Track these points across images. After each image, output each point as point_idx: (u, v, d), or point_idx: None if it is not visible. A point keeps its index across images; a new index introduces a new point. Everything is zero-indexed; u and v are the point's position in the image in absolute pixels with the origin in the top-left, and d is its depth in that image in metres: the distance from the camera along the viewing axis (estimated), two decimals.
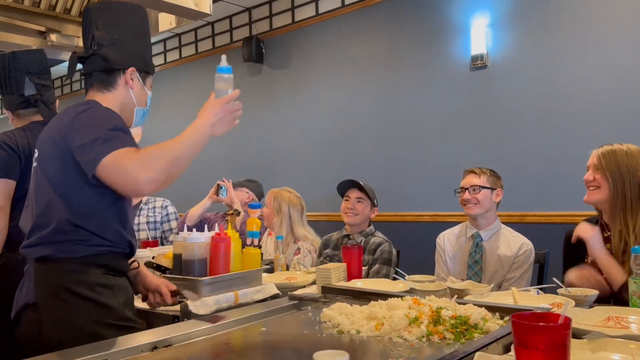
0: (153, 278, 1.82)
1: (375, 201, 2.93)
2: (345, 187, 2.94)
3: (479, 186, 2.52)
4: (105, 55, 1.63)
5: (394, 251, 2.77)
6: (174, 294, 1.78)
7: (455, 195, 2.63)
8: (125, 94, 1.68)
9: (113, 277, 1.58)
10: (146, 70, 1.73)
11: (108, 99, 1.65)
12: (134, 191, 1.53)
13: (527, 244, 2.49)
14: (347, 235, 2.89)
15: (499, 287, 2.38)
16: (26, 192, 2.07)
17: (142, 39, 1.73)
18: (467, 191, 2.54)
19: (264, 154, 5.25)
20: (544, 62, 3.65)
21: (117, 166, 1.41)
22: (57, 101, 2.36)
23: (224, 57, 1.64)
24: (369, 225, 2.91)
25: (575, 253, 2.04)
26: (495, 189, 2.56)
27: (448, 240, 2.65)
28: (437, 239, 2.70)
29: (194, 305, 1.67)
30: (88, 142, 1.45)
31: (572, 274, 1.93)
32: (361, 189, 2.88)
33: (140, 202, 3.65)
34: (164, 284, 1.79)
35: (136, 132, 2.86)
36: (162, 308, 1.83)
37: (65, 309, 1.49)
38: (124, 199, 1.61)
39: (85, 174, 1.47)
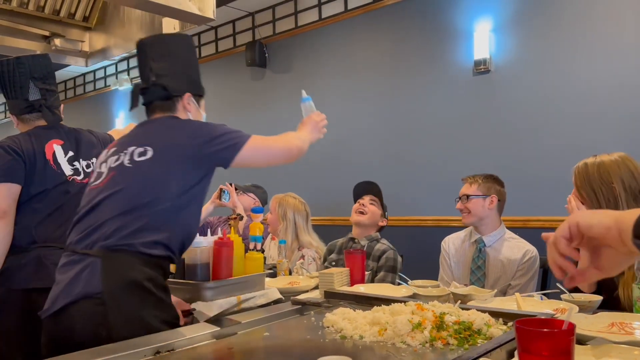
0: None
1: (385, 213, 2.94)
2: (361, 191, 2.95)
3: (467, 195, 2.52)
4: (164, 84, 1.79)
5: (399, 259, 2.76)
6: (186, 313, 1.78)
7: (455, 203, 2.64)
8: (183, 117, 1.83)
9: (165, 280, 1.65)
10: (199, 93, 1.90)
11: None
12: (277, 160, 1.90)
13: (531, 250, 2.45)
14: (352, 239, 2.89)
15: (503, 294, 2.36)
16: (32, 196, 2.09)
17: (193, 65, 1.91)
18: (460, 200, 2.55)
19: None
20: (547, 67, 3.65)
21: (260, 146, 1.76)
22: (62, 105, 2.37)
23: (303, 91, 2.30)
24: (377, 232, 2.91)
25: None
26: (488, 195, 2.51)
27: (453, 245, 2.65)
28: (442, 243, 2.69)
29: (196, 310, 1.67)
30: (219, 135, 1.69)
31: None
32: (376, 193, 2.90)
33: None
34: (178, 304, 1.77)
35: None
36: None
37: (136, 303, 1.52)
38: (198, 218, 1.76)
39: (186, 180, 1.66)
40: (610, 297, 1.82)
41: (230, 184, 3.64)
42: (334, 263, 2.85)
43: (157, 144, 1.67)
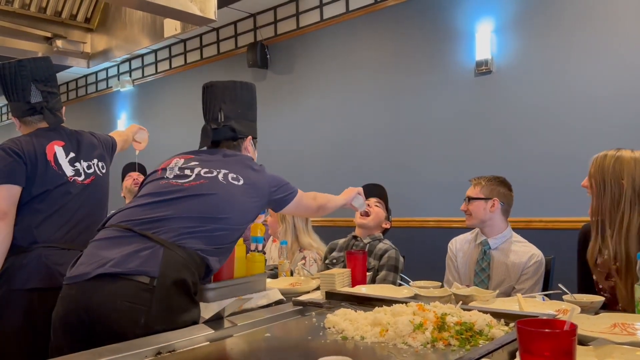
0: None
1: (389, 216, 2.95)
2: (367, 193, 2.95)
3: (469, 197, 2.52)
4: (232, 126, 2.00)
5: (401, 258, 2.76)
6: None
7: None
8: None
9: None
10: (256, 137, 2.12)
11: None
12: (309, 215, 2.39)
13: (537, 254, 2.42)
14: (355, 237, 2.89)
15: (507, 297, 2.34)
16: (33, 197, 2.09)
17: (254, 111, 2.13)
18: (464, 202, 2.54)
19: (268, 159, 5.24)
20: (548, 68, 3.64)
21: (301, 202, 2.03)
22: (64, 107, 2.37)
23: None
24: (380, 234, 2.91)
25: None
26: (490, 198, 2.48)
27: (459, 246, 2.64)
28: (450, 244, 2.68)
29: None
30: (280, 187, 1.96)
31: None
32: (382, 196, 2.91)
33: None
34: None
35: (142, 137, 2.87)
36: None
37: (181, 300, 1.55)
38: (232, 248, 1.86)
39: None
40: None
41: None
42: (334, 261, 2.85)
43: (247, 178, 1.84)
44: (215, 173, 1.80)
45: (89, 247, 1.65)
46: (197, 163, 1.85)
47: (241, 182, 1.81)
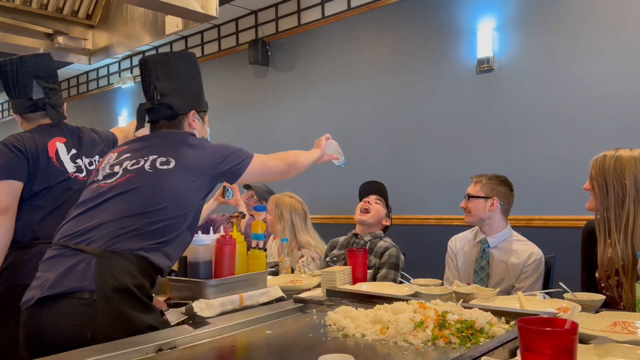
0: None
1: (390, 214, 2.95)
2: (367, 190, 2.95)
3: (469, 195, 2.51)
4: (169, 103, 1.83)
5: (402, 256, 2.76)
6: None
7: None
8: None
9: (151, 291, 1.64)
10: (204, 110, 1.95)
11: None
12: (282, 177, 2.03)
13: (536, 253, 2.41)
14: (356, 234, 2.89)
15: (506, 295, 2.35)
16: (34, 193, 2.09)
17: (196, 82, 1.93)
18: (464, 199, 2.54)
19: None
20: (550, 66, 3.64)
21: (265, 167, 1.90)
22: (65, 104, 2.37)
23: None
24: (380, 231, 2.91)
25: (593, 247, 2.00)
26: (490, 197, 2.47)
27: (459, 244, 2.64)
28: (449, 242, 2.68)
29: (199, 308, 1.67)
30: (228, 157, 1.79)
31: None
32: (382, 193, 2.90)
33: None
34: (155, 303, 1.73)
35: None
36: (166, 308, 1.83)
37: (125, 307, 1.49)
38: (194, 233, 1.78)
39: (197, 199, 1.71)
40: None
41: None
42: (335, 259, 2.86)
43: (179, 158, 1.70)
44: (142, 163, 1.69)
45: (39, 269, 1.62)
46: (128, 155, 1.75)
47: (172, 164, 1.68)
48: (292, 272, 2.64)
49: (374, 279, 2.57)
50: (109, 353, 1.30)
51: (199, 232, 1.87)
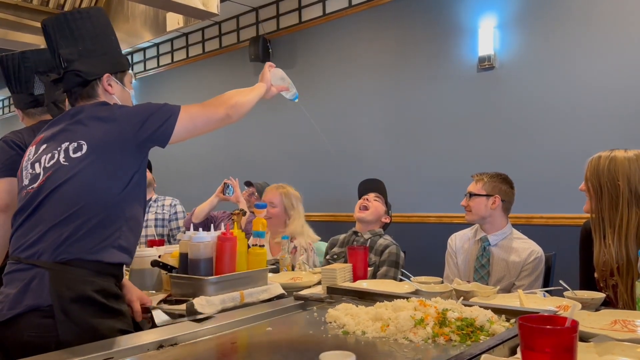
0: (130, 290, 1.75)
1: (389, 211, 2.95)
2: (366, 188, 2.95)
3: (470, 193, 2.52)
4: (77, 70, 1.64)
5: (402, 254, 2.76)
6: (145, 310, 1.73)
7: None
8: (108, 100, 1.69)
9: (118, 286, 1.61)
10: (121, 69, 1.74)
11: None
12: (224, 123, 1.73)
13: (537, 251, 2.42)
14: (356, 232, 2.89)
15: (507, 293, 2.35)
16: None
17: (107, 40, 1.72)
18: (465, 197, 2.54)
19: (269, 153, 5.25)
20: (551, 64, 3.63)
21: (201, 117, 1.64)
22: (66, 100, 2.36)
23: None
24: (380, 228, 2.91)
25: (591, 247, 2.00)
26: (492, 195, 2.48)
27: (459, 242, 2.64)
28: (449, 240, 2.68)
29: (199, 305, 1.67)
30: (148, 119, 1.56)
31: None
32: (381, 191, 2.91)
33: (150, 199, 3.67)
34: (137, 299, 1.73)
35: None
36: (166, 307, 1.83)
37: (87, 315, 1.46)
38: (144, 204, 1.67)
39: (121, 180, 1.55)
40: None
41: (235, 179, 3.65)
42: (335, 257, 2.86)
43: (91, 138, 1.54)
44: (56, 156, 1.55)
45: (4, 281, 1.57)
46: (44, 148, 1.61)
47: (84, 149, 1.53)
48: (293, 269, 2.64)
49: (374, 276, 2.57)
50: (113, 349, 1.30)
51: (200, 229, 1.86)
